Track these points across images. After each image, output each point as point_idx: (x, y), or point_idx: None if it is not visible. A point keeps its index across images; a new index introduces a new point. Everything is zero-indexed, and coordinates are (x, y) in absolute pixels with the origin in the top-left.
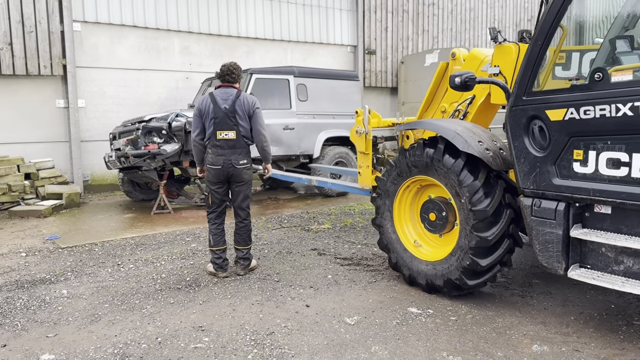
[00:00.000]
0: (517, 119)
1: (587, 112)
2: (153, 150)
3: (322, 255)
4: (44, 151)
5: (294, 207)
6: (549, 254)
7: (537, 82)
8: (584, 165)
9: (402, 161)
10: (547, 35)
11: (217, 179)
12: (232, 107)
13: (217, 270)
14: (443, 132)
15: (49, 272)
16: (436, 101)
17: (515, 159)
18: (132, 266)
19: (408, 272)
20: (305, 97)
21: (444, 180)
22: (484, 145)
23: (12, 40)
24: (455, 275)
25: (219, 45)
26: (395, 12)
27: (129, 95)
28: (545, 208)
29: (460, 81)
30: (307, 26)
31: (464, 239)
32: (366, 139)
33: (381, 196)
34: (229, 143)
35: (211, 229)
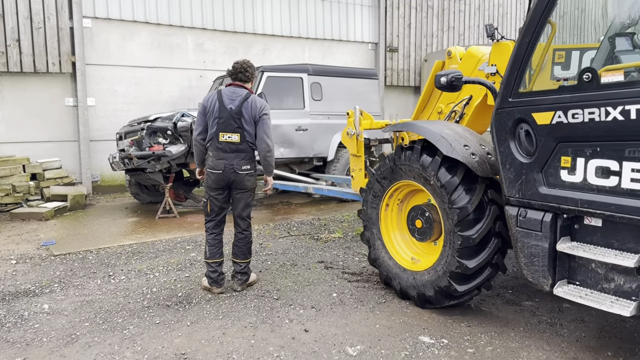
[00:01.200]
0: (503, 122)
1: (575, 115)
2: (157, 152)
3: (328, 269)
4: (52, 151)
5: (305, 212)
6: (535, 268)
7: (523, 83)
8: (572, 174)
9: (386, 166)
10: (535, 32)
11: (217, 184)
12: (238, 109)
13: (211, 285)
14: (428, 135)
15: (36, 282)
16: (432, 102)
17: (500, 165)
18: (124, 278)
19: (399, 285)
20: (319, 96)
21: (427, 184)
22: (469, 150)
23: (20, 36)
24: (444, 282)
25: (234, 43)
26: (419, 7)
27: (140, 94)
28: (531, 219)
29: (446, 81)
30: (326, 22)
31: (449, 241)
32: (357, 140)
33: (366, 208)
34: (231, 146)
35: (208, 239)
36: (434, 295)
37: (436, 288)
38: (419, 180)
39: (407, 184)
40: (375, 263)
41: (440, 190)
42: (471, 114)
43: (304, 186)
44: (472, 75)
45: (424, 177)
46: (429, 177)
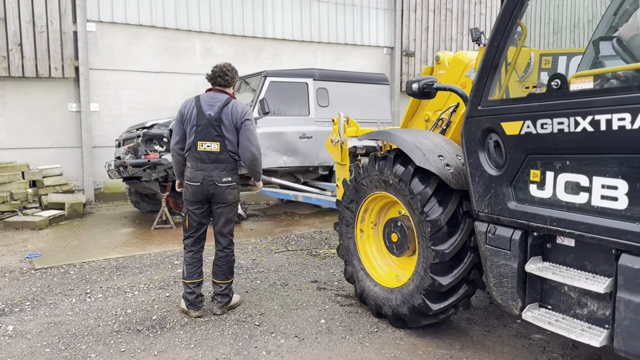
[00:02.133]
0: (472, 131)
1: (544, 125)
2: (153, 160)
3: (321, 290)
4: (54, 157)
5: (308, 224)
6: (504, 289)
7: (493, 90)
8: (541, 189)
9: (349, 189)
10: (504, 35)
11: (195, 197)
12: (217, 115)
13: (189, 308)
14: (402, 144)
15: (8, 299)
16: (422, 109)
17: (470, 178)
18: (101, 296)
19: (374, 302)
20: (326, 102)
21: (400, 195)
22: (444, 161)
23: (22, 40)
24: (418, 300)
25: (243, 47)
26: (437, 10)
27: (145, 99)
28: (500, 236)
29: (418, 88)
30: (339, 26)
31: (422, 257)
32: (342, 148)
33: (343, 241)
34: (211, 156)
35: (186, 258)
36: (407, 314)
37: (410, 306)
38: (390, 190)
39: (378, 197)
40: (363, 295)
41: (412, 202)
42: (458, 122)
43: (294, 194)
44: (460, 82)
45: (396, 187)
46: (402, 188)
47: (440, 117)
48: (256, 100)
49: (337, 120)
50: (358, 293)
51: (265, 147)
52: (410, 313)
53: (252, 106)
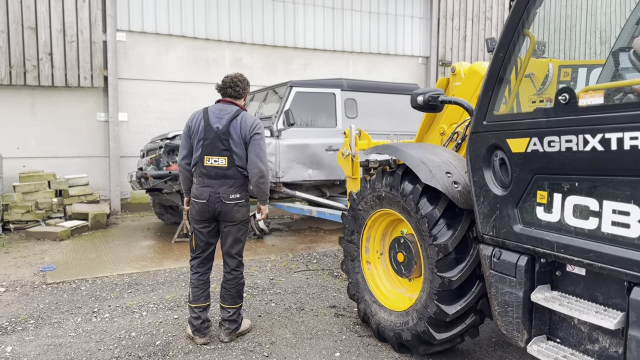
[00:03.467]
0: (477, 148)
1: (551, 143)
2: (174, 171)
3: (339, 318)
4: (82, 166)
5: (332, 241)
6: (508, 319)
7: (498, 104)
8: (548, 212)
9: (347, 220)
10: (510, 45)
11: (202, 216)
12: (225, 128)
13: (194, 333)
14: (407, 160)
15: (13, 316)
16: (437, 122)
17: (474, 197)
18: (107, 316)
19: (392, 333)
20: (354, 113)
21: (406, 213)
22: (452, 178)
23: (52, 50)
24: (421, 327)
25: (274, 57)
26: (476, 19)
27: (173, 109)
28: (505, 261)
29: (423, 100)
30: (373, 35)
31: (428, 282)
32: (353, 162)
33: (351, 277)
34: (218, 172)
35: (192, 280)
36: (411, 340)
37: (413, 332)
38: (396, 208)
39: (378, 218)
40: (380, 330)
41: (420, 224)
42: None
43: (309, 209)
44: (476, 95)
45: (402, 206)
46: (409, 207)
47: (456, 131)
48: (281, 111)
49: (349, 133)
50: (375, 329)
51: (289, 159)
52: (414, 339)
53: (277, 117)
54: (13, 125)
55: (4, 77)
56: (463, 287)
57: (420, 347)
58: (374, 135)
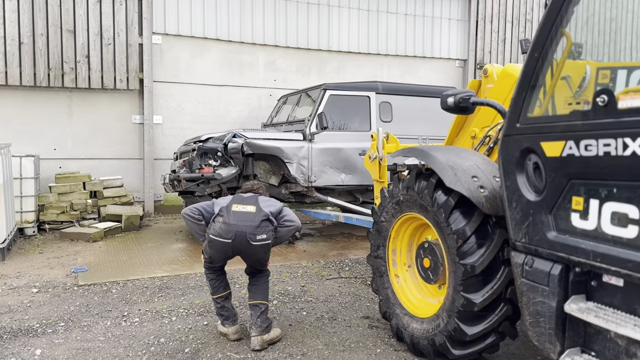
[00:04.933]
0: (510, 151)
1: (588, 147)
2: (207, 174)
3: (373, 329)
4: (117, 168)
5: (365, 248)
6: (540, 330)
7: (532, 106)
8: (584, 218)
9: (372, 236)
10: (545, 45)
11: (223, 254)
12: (254, 196)
13: (224, 323)
14: (432, 163)
15: (44, 318)
16: (468, 125)
17: (506, 202)
18: (137, 320)
19: (410, 337)
20: (389, 117)
21: (434, 220)
22: (478, 182)
23: (90, 52)
24: (440, 340)
25: (307, 60)
26: (515, 21)
27: (207, 112)
28: (538, 270)
29: (454, 102)
30: (408, 38)
31: (450, 297)
32: (380, 165)
33: (380, 292)
34: (246, 215)
35: (207, 273)
36: (444, 343)
37: (430, 342)
38: (423, 213)
39: (403, 225)
40: (414, 342)
41: (449, 235)
42: None
43: (335, 215)
44: (509, 97)
45: (429, 210)
46: (438, 218)
47: (488, 134)
48: (314, 114)
49: (376, 136)
50: (409, 343)
51: (322, 164)
52: (430, 348)
53: (310, 120)
54: (50, 126)
55: (43, 79)
56: (486, 310)
57: (456, 349)
58: (409, 139)
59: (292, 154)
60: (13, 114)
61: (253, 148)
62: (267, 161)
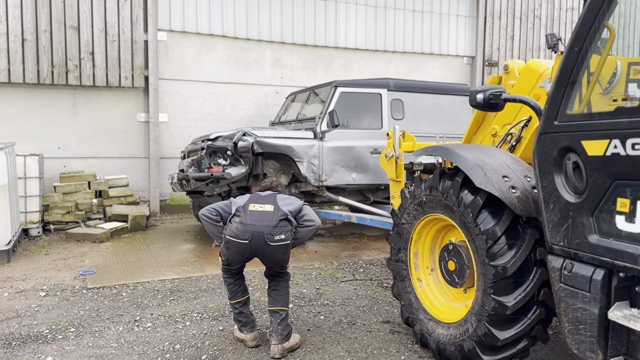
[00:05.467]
0: (547, 150)
1: (635, 146)
2: (216, 174)
3: (395, 335)
4: (122, 167)
5: (378, 248)
6: (580, 337)
7: (572, 102)
8: (630, 221)
9: (392, 239)
10: (587, 39)
11: (241, 255)
12: (272, 194)
13: (242, 329)
14: (460, 162)
15: (54, 324)
16: (487, 122)
17: (543, 204)
18: (150, 325)
19: (435, 343)
20: (401, 115)
21: (460, 221)
22: (509, 183)
23: (94, 49)
24: (469, 345)
25: (314, 57)
26: (524, 17)
27: (213, 110)
28: (578, 274)
29: (483, 98)
30: (416, 34)
31: (480, 300)
32: (397, 164)
33: (402, 297)
34: (263, 215)
35: (225, 278)
36: (473, 349)
37: (458, 347)
38: (448, 214)
39: (426, 226)
40: (440, 348)
41: (477, 236)
42: (530, 138)
43: (347, 215)
44: (532, 94)
45: (455, 211)
46: (465, 218)
47: (510, 132)
48: (325, 112)
49: (392, 134)
50: (435, 350)
51: (333, 162)
52: (457, 354)
53: (321, 118)
54: (54, 125)
55: (47, 77)
56: (519, 313)
57: (486, 355)
58: (422, 138)
59: (302, 153)
60: (16, 112)
61: (263, 147)
62: (276, 160)
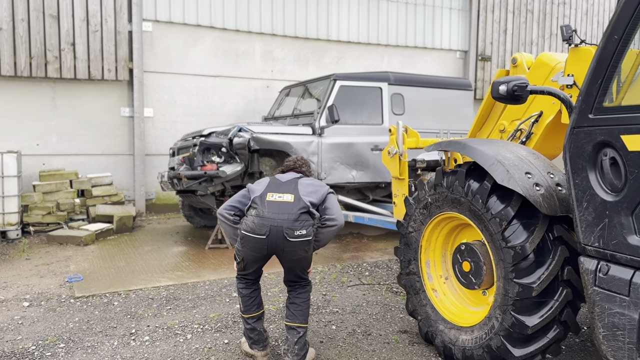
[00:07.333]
0: (580, 145)
1: None
2: (210, 172)
3: (415, 346)
4: (105, 165)
5: (379, 249)
6: (618, 344)
7: (610, 95)
8: None
9: (401, 251)
10: (628, 27)
11: (258, 252)
12: (294, 179)
13: (252, 347)
14: (479, 158)
15: (40, 338)
16: (493, 118)
17: (575, 202)
18: (147, 339)
19: (461, 351)
20: (401, 109)
21: (469, 211)
22: (532, 180)
23: (75, 40)
24: (497, 343)
25: (306, 50)
26: (517, 11)
27: (201, 105)
28: (615, 277)
29: (507, 90)
30: (409, 28)
31: (502, 289)
32: (400, 161)
33: (418, 312)
34: (282, 207)
35: (240, 289)
36: (482, 357)
37: (486, 349)
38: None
39: (436, 229)
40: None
41: (490, 221)
42: (541, 134)
43: (345, 213)
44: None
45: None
46: (475, 206)
47: (519, 128)
48: (324, 107)
49: (395, 130)
50: (462, 359)
51: (332, 160)
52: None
53: (320, 113)
54: (32, 120)
55: (24, 69)
56: (544, 295)
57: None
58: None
59: (300, 150)
60: None
61: (260, 143)
62: (272, 157)
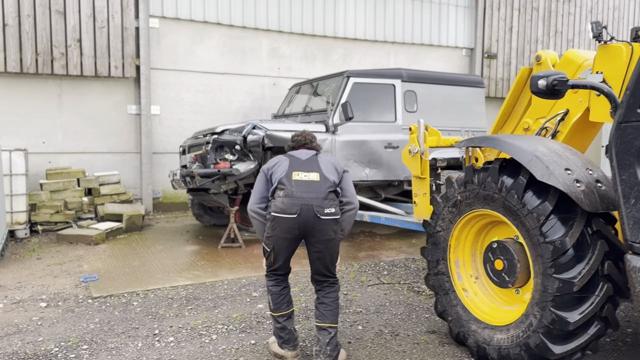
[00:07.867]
0: (628, 140)
1: None
2: (223, 170)
3: (446, 347)
4: (112, 163)
5: (395, 248)
6: None
7: None
8: None
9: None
10: None
11: (290, 233)
12: (313, 157)
13: (282, 347)
14: (516, 154)
15: (62, 340)
16: (515, 116)
17: (621, 198)
18: (172, 340)
19: (496, 351)
20: (414, 107)
21: (504, 207)
22: (572, 176)
23: (82, 36)
24: (535, 340)
25: (312, 47)
26: (522, 9)
27: (208, 102)
28: None
29: (546, 84)
30: (416, 25)
31: (540, 285)
32: (421, 160)
33: (439, 294)
34: (309, 185)
35: (269, 287)
36: (520, 355)
37: (524, 347)
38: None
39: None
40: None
41: (526, 216)
42: (567, 133)
43: (360, 213)
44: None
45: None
46: (510, 202)
47: (545, 126)
48: (337, 104)
49: (415, 129)
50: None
51: (346, 157)
52: (526, 355)
53: (333, 110)
54: (38, 117)
55: (30, 65)
56: (585, 290)
57: (557, 346)
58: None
59: None
60: None
61: (274, 141)
62: None
